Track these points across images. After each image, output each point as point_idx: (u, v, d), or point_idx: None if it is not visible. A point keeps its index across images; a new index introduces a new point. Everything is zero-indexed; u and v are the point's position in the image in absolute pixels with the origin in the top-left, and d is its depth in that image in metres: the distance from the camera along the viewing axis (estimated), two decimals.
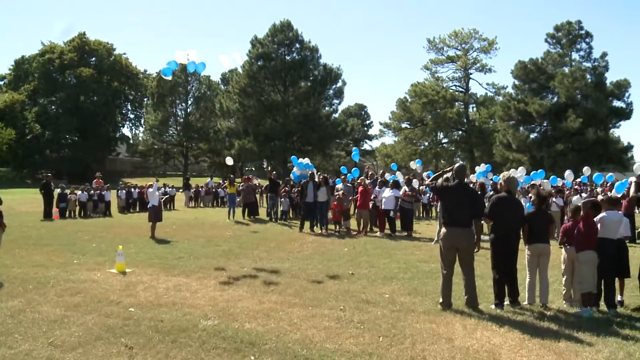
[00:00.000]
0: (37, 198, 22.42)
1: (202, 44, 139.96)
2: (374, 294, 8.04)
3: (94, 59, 64.15)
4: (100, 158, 62.41)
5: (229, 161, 24.25)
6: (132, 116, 72.60)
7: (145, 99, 68.99)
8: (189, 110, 66.88)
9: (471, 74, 60.63)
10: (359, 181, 18.81)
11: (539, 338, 5.95)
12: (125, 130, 74.42)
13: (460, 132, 61.45)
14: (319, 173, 19.53)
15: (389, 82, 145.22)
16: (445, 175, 8.32)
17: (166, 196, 26.07)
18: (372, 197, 16.87)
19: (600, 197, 9.91)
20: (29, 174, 54.14)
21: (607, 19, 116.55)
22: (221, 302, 7.38)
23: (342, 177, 21.75)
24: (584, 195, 17.47)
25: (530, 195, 12.94)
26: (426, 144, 62.00)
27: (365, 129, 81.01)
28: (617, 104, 46.75)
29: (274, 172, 21.42)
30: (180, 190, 30.38)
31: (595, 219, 7.38)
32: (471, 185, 12.04)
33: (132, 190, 25.41)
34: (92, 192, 22.55)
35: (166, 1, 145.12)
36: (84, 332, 5.94)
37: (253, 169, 60.50)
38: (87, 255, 11.41)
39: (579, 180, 20.87)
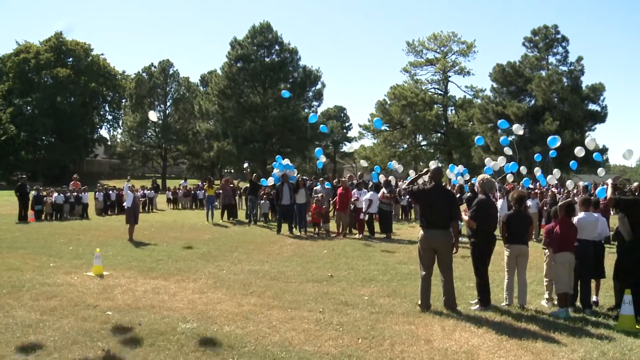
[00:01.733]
0: (12, 200, 22.06)
1: (181, 45, 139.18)
2: (353, 296, 8.06)
3: (71, 59, 63.22)
4: (77, 160, 61.52)
5: (152, 116, 23.35)
6: (110, 117, 71.89)
7: (123, 100, 68.21)
8: (167, 111, 66.32)
9: (450, 76, 61.02)
10: (339, 183, 18.81)
11: (517, 338, 6.02)
12: (103, 132, 73.74)
13: (439, 135, 61.82)
14: (298, 175, 19.46)
15: (369, 84, 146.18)
16: (421, 179, 8.39)
17: (144, 199, 25.83)
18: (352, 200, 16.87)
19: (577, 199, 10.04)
20: (4, 175, 53.21)
21: (582, 24, 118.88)
22: (200, 305, 7.34)
23: (321, 179, 21.75)
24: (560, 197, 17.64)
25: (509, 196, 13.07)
26: (405, 146, 62.21)
27: (345, 131, 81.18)
28: (592, 107, 47.43)
29: (255, 174, 21.26)
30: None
31: (573, 221, 7.49)
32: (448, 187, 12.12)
33: (110, 192, 25.11)
34: (69, 194, 22.20)
35: (145, 2, 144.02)
36: (59, 337, 5.85)
37: (232, 170, 60.12)
38: (64, 259, 11.24)
39: (555, 182, 20.98)
